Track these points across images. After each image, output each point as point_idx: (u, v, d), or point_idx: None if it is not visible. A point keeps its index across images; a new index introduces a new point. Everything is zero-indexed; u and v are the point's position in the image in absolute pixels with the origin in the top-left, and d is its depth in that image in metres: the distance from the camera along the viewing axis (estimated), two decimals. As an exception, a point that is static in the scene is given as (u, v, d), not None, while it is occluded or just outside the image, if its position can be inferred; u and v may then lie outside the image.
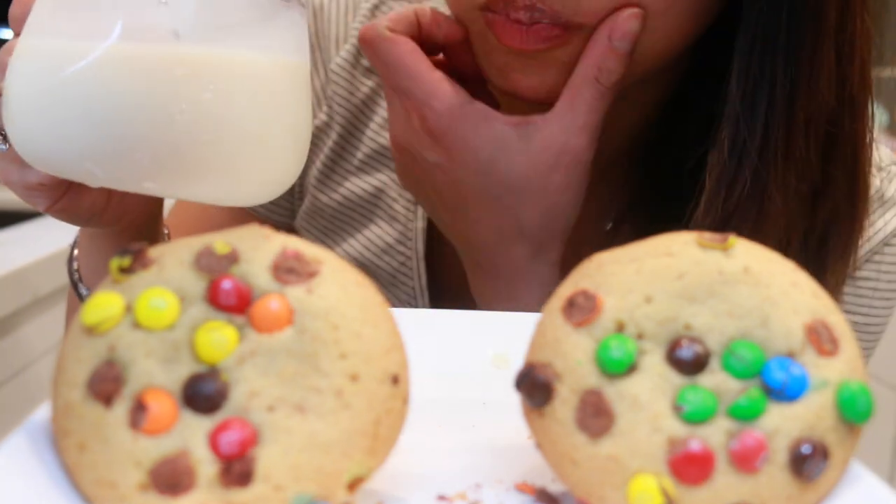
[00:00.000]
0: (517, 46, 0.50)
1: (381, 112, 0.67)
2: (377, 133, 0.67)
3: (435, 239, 0.65)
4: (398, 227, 0.65)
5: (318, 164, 0.67)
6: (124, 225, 0.54)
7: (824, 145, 0.52)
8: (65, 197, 0.48)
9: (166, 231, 0.61)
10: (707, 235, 0.30)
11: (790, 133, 0.50)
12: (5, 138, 0.44)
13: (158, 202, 0.58)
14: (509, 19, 0.49)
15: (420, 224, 0.65)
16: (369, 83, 0.68)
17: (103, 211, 0.51)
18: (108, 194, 0.51)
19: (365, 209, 0.67)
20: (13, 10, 0.43)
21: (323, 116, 0.67)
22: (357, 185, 0.67)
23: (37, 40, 0.34)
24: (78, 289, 0.61)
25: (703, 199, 0.52)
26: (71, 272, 0.61)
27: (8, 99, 0.34)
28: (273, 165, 0.36)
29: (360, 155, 0.67)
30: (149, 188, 0.33)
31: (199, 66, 0.33)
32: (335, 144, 0.68)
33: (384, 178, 0.66)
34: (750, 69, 0.50)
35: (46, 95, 0.33)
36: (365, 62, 0.67)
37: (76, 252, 0.61)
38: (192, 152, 0.33)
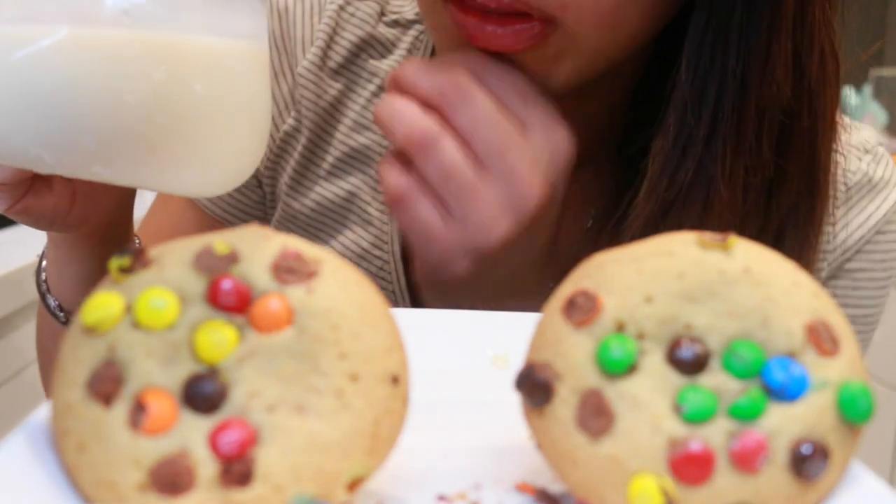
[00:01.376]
0: (494, 46, 0.47)
1: (350, 114, 0.65)
2: (347, 136, 0.65)
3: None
4: (373, 230, 0.64)
5: (288, 170, 0.66)
6: (90, 229, 0.53)
7: (779, 139, 0.51)
8: (26, 197, 0.47)
9: (137, 241, 0.60)
10: (708, 235, 0.30)
11: (740, 124, 0.49)
12: None
13: (126, 206, 0.57)
14: (472, 13, 0.46)
15: (396, 225, 0.64)
16: (337, 85, 0.66)
17: (67, 213, 0.50)
18: (72, 195, 0.50)
19: (338, 214, 0.65)
20: None
21: (291, 121, 0.66)
22: (329, 189, 0.65)
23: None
24: (46, 299, 0.60)
25: (645, 185, 0.51)
26: (39, 283, 0.60)
27: None
28: (228, 152, 0.35)
29: (330, 159, 0.66)
30: (98, 173, 0.32)
31: (150, 47, 0.32)
32: (305, 149, 0.66)
33: (356, 182, 0.65)
34: (701, 56, 0.48)
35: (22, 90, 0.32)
36: (332, 64, 0.66)
37: (44, 263, 0.60)
38: (142, 135, 0.32)
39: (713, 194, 0.50)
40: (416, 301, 0.64)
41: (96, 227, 0.53)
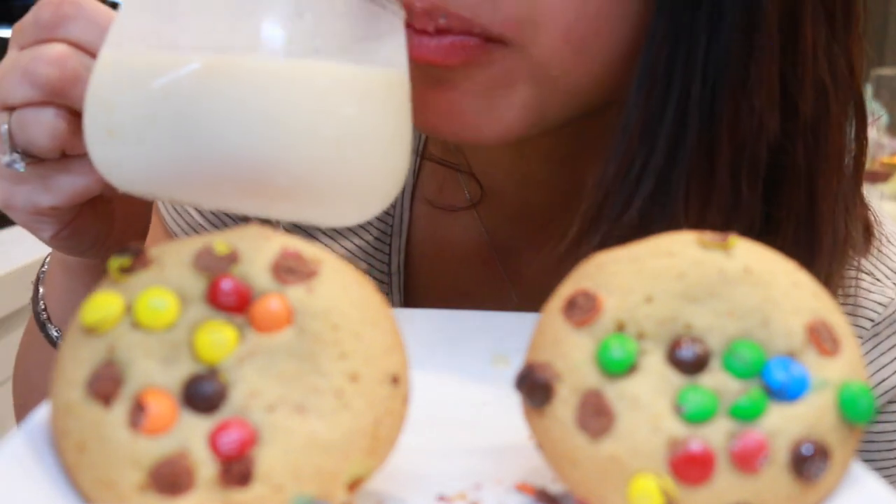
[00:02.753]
0: (425, 58, 0.43)
1: None
2: None
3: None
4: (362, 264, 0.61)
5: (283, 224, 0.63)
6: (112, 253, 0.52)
7: (768, 182, 0.44)
8: (72, 224, 0.44)
9: None
10: (708, 235, 0.30)
11: (711, 158, 0.43)
12: (21, 157, 0.40)
13: (147, 218, 0.54)
14: (415, 30, 0.42)
15: (396, 298, 0.60)
16: None
17: (107, 237, 0.48)
18: (112, 223, 0.48)
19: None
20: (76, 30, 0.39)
21: None
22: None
23: (130, 56, 0.31)
24: (46, 329, 0.56)
25: (578, 221, 0.45)
26: (37, 312, 0.56)
27: (104, 120, 0.31)
28: (390, 179, 0.35)
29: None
30: (280, 208, 0.31)
31: (343, 81, 0.31)
32: None
33: (351, 247, 0.61)
34: (656, 74, 0.42)
35: (172, 118, 0.30)
36: None
37: (42, 290, 0.56)
38: (332, 171, 0.31)
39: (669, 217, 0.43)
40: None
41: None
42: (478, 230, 0.59)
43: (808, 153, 0.45)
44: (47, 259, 0.58)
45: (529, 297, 0.57)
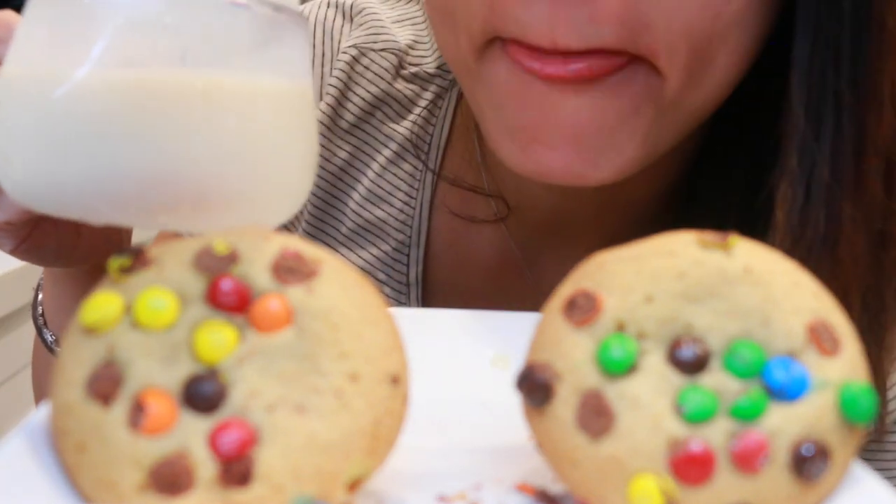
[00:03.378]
0: (553, 74, 0.40)
1: (365, 181, 0.60)
2: (361, 206, 0.60)
3: None
4: None
5: (299, 233, 0.62)
6: (92, 265, 0.51)
7: (887, 177, 0.44)
8: (31, 236, 0.45)
9: None
10: (708, 235, 0.30)
11: (859, 160, 0.42)
12: None
13: (127, 236, 0.54)
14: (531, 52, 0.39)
15: (414, 307, 0.60)
16: (347, 147, 0.60)
17: (72, 249, 0.48)
18: (77, 231, 0.48)
19: None
20: None
21: None
22: None
23: (28, 71, 0.31)
24: (42, 334, 0.57)
25: (776, 241, 0.43)
26: (35, 317, 0.57)
27: None
28: (284, 189, 0.34)
29: (343, 229, 0.61)
30: (164, 222, 0.31)
31: (212, 90, 0.30)
32: (312, 217, 0.61)
33: (370, 258, 0.60)
34: (811, 85, 0.41)
35: (43, 121, 0.29)
36: (343, 123, 0.59)
37: (41, 297, 0.57)
38: (211, 181, 0.31)
39: (844, 246, 0.42)
40: None
41: (101, 261, 0.51)
42: (503, 241, 0.58)
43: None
44: None
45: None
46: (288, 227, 0.62)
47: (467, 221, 0.59)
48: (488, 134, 0.45)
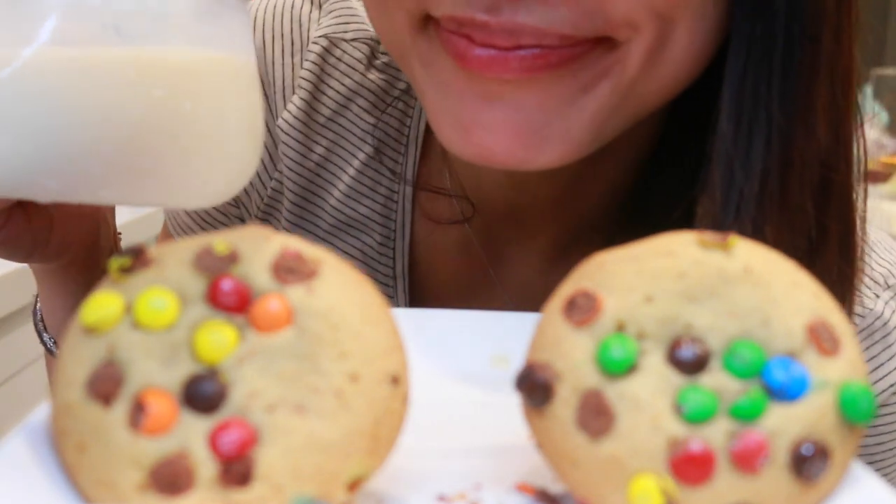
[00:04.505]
0: (488, 71, 0.38)
1: (345, 178, 0.59)
2: (342, 203, 0.59)
3: None
4: None
5: (281, 231, 0.60)
6: (70, 258, 0.51)
7: (817, 193, 0.44)
8: (4, 229, 0.45)
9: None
10: (708, 235, 0.30)
11: (785, 177, 0.42)
12: None
13: (104, 227, 0.54)
14: (474, 41, 0.38)
15: (402, 300, 0.60)
16: (323, 142, 0.58)
17: (46, 241, 0.48)
18: (50, 222, 0.48)
19: None
20: None
21: (274, 183, 0.60)
22: None
23: None
24: (42, 337, 0.57)
25: None
26: (35, 322, 0.57)
27: None
28: (227, 163, 0.34)
29: (324, 225, 0.60)
30: (104, 197, 0.31)
31: (148, 65, 0.31)
32: (292, 214, 0.60)
33: (352, 251, 0.60)
34: (743, 102, 0.41)
35: None
36: (318, 118, 0.58)
37: (39, 303, 0.57)
38: (146, 155, 0.31)
39: None
40: None
41: (77, 256, 0.51)
42: (468, 239, 0.59)
43: (846, 164, 0.44)
44: None
45: (522, 301, 0.57)
46: (270, 222, 0.62)
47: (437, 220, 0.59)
48: (429, 117, 0.43)
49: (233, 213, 0.63)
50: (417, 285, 0.61)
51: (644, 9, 0.39)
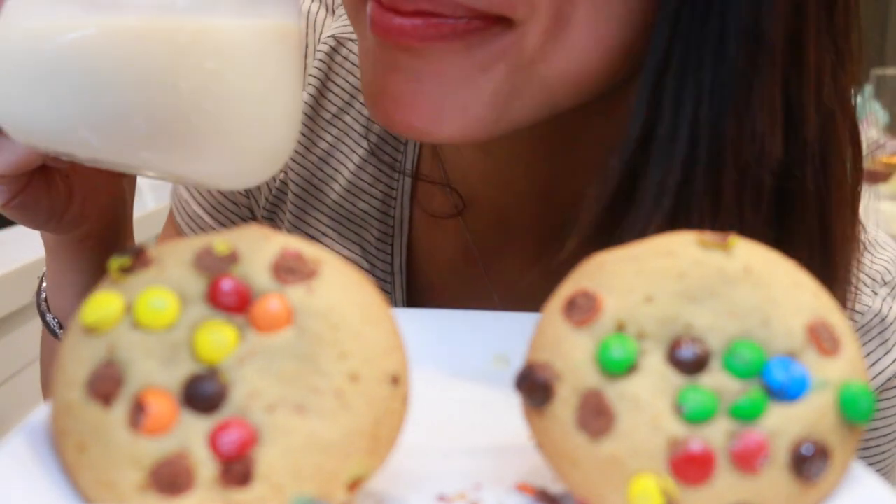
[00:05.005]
0: (388, 38, 0.40)
1: (345, 172, 0.60)
2: (342, 199, 0.61)
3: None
4: None
5: (285, 222, 0.62)
6: (86, 231, 0.52)
7: (778, 205, 0.43)
8: (24, 192, 0.46)
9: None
10: (708, 235, 0.30)
11: (718, 181, 0.41)
12: None
13: (122, 208, 0.55)
14: (382, 5, 0.39)
15: (399, 296, 0.61)
16: (328, 137, 0.60)
17: (64, 210, 0.49)
18: (70, 192, 0.49)
19: None
20: None
21: (282, 175, 0.61)
22: None
23: (30, 16, 0.33)
24: (45, 318, 0.58)
25: (576, 236, 0.43)
26: (39, 303, 0.58)
27: None
28: (267, 143, 0.35)
29: (325, 220, 0.61)
30: (146, 159, 0.32)
31: (203, 35, 0.32)
32: (295, 206, 0.61)
33: (354, 250, 0.61)
34: (662, 90, 0.41)
35: (43, 63, 0.32)
36: (325, 114, 0.60)
37: (44, 284, 0.58)
38: (193, 121, 0.32)
39: None
40: None
41: (92, 229, 0.52)
42: (464, 236, 0.60)
43: (817, 180, 0.43)
44: None
45: (511, 301, 0.57)
46: (275, 219, 0.63)
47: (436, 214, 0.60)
48: (362, 91, 0.45)
49: (243, 204, 0.63)
50: (415, 281, 0.61)
51: None
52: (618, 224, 0.43)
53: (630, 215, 0.42)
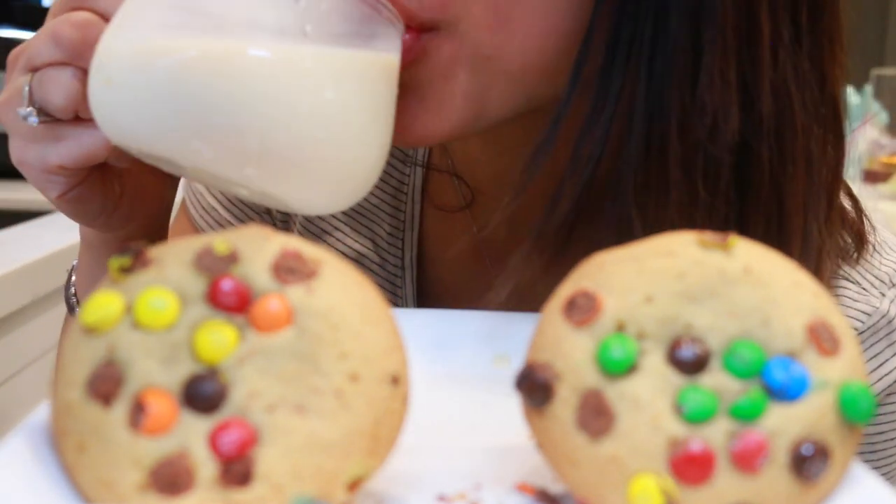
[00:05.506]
0: None
1: None
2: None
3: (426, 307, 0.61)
4: (386, 294, 0.60)
5: (299, 217, 0.63)
6: (127, 233, 0.52)
7: (736, 184, 0.43)
8: (80, 186, 0.46)
9: None
10: (708, 235, 0.30)
11: (662, 153, 0.42)
12: (39, 112, 0.43)
13: (164, 219, 0.55)
14: None
15: (409, 290, 0.61)
16: None
17: (112, 211, 0.49)
18: (120, 196, 0.49)
19: None
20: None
21: None
22: (336, 248, 0.62)
23: (152, 19, 0.34)
24: (74, 311, 0.58)
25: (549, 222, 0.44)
26: (68, 297, 0.59)
27: (106, 69, 0.34)
28: (367, 168, 0.37)
29: (339, 213, 0.62)
30: (248, 175, 0.34)
31: (325, 63, 0.34)
32: None
33: (365, 243, 0.62)
34: (593, 74, 0.42)
35: (169, 77, 0.33)
36: None
37: (74, 278, 0.58)
38: (303, 145, 0.34)
39: (625, 231, 0.42)
40: None
41: (135, 232, 0.53)
42: (472, 230, 0.60)
43: (772, 157, 0.44)
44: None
45: (517, 297, 0.57)
46: (288, 213, 0.64)
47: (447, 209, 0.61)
48: None
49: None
50: (426, 276, 0.62)
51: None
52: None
53: (562, 188, 0.43)
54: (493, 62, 0.43)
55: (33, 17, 1.88)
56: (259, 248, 0.29)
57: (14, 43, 0.50)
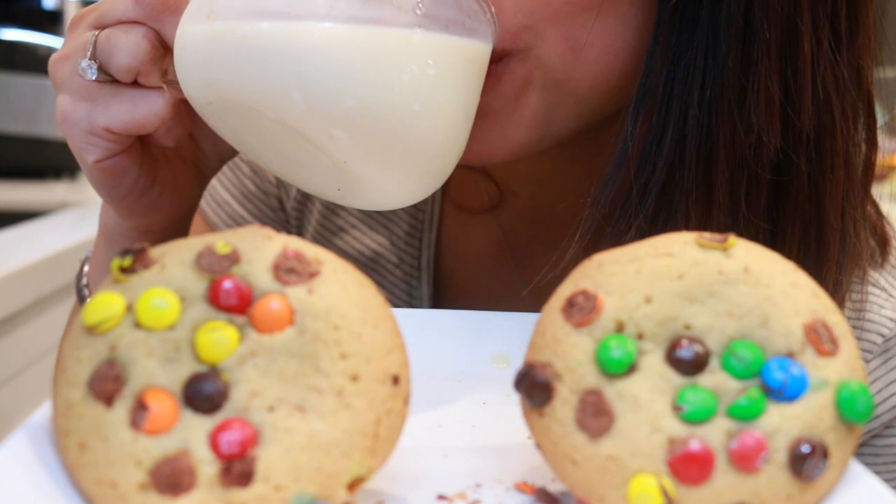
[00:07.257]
0: None
1: None
2: None
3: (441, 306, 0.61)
4: (401, 295, 0.61)
5: (315, 213, 0.63)
6: (148, 223, 0.51)
7: (772, 199, 0.44)
8: (119, 156, 0.45)
9: None
10: (707, 235, 0.30)
11: (709, 177, 0.43)
12: (97, 68, 0.42)
13: (188, 213, 0.54)
14: None
15: (426, 291, 0.61)
16: None
17: (142, 193, 0.48)
18: (153, 180, 0.48)
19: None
20: None
21: None
22: (353, 246, 0.62)
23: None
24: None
25: (578, 240, 0.45)
26: (80, 289, 0.57)
27: (211, 3, 0.36)
28: (441, 162, 0.38)
29: (356, 212, 0.62)
30: (334, 137, 0.35)
31: (432, 42, 0.35)
32: (322, 204, 0.63)
33: (382, 242, 0.62)
34: (654, 93, 0.43)
35: (279, 32, 0.34)
36: None
37: (86, 268, 0.57)
38: (398, 115, 0.35)
39: None
40: None
41: (157, 224, 0.51)
42: (496, 231, 0.60)
43: (811, 165, 0.44)
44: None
45: (543, 298, 0.57)
46: (304, 210, 0.64)
47: (469, 212, 0.60)
48: None
49: (273, 193, 0.63)
50: (442, 277, 0.62)
51: (534, 11, 0.42)
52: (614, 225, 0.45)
53: (616, 216, 0.44)
54: (564, 85, 0.45)
55: (34, 18, 1.88)
56: (260, 249, 0.29)
57: (15, 44, 0.49)
